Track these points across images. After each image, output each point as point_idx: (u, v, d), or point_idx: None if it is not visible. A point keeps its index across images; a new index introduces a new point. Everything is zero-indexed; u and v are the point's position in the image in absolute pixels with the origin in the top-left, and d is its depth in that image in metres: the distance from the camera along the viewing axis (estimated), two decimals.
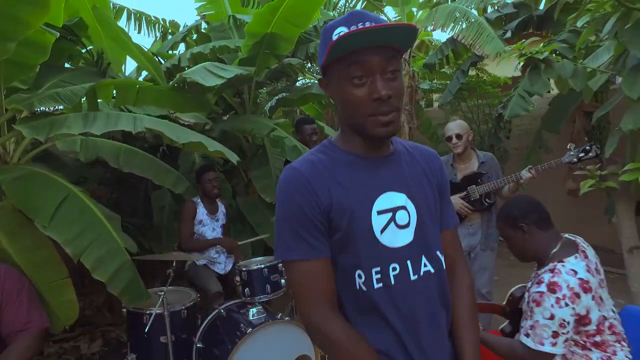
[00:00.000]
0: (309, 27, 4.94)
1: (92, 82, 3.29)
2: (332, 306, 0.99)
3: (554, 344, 1.62)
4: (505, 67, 5.93)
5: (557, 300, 1.61)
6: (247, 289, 2.93)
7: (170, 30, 6.11)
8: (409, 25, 0.93)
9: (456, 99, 5.92)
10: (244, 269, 2.96)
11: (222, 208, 3.84)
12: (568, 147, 2.88)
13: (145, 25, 5.99)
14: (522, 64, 2.43)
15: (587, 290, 1.64)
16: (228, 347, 2.62)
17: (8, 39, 2.42)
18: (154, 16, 5.81)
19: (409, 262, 1.01)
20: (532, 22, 4.30)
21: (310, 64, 5.79)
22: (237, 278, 3.02)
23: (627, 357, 1.71)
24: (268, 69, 4.66)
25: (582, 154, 2.78)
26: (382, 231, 0.99)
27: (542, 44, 2.62)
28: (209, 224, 3.70)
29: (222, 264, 3.70)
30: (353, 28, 0.92)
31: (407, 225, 1.02)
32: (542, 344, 1.63)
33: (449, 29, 4.78)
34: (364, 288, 0.98)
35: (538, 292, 1.66)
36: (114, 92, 3.40)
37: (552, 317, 1.61)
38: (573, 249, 1.76)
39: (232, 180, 4.70)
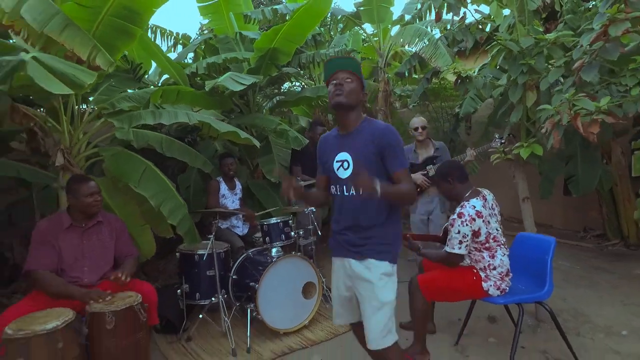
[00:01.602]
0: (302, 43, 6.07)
1: (131, 87, 4.29)
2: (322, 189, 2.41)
3: (459, 248, 2.83)
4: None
5: (462, 222, 2.83)
6: (267, 238, 4.04)
7: (181, 42, 7.12)
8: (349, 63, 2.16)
9: (423, 102, 7.15)
10: (265, 223, 4.07)
11: (239, 185, 4.95)
12: (495, 136, 4.09)
13: (159, 36, 7.00)
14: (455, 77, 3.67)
15: (480, 216, 2.84)
16: (256, 277, 3.71)
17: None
18: (169, 30, 6.83)
19: (345, 186, 2.17)
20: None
21: (302, 71, 6.92)
22: (258, 234, 4.13)
23: (504, 254, 2.93)
24: (270, 76, 5.78)
25: (501, 141, 4.00)
26: (337, 169, 2.20)
27: (474, 61, 3.86)
28: (229, 197, 4.81)
29: (240, 228, 4.80)
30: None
31: (347, 169, 2.16)
32: (454, 249, 2.84)
33: (413, 46, 6.01)
34: (333, 192, 2.28)
35: (453, 218, 2.88)
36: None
37: (458, 232, 2.83)
38: (477, 194, 2.97)
39: (241, 166, 5.78)
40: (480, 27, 3.53)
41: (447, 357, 3.19)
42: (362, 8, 6.83)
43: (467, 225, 2.83)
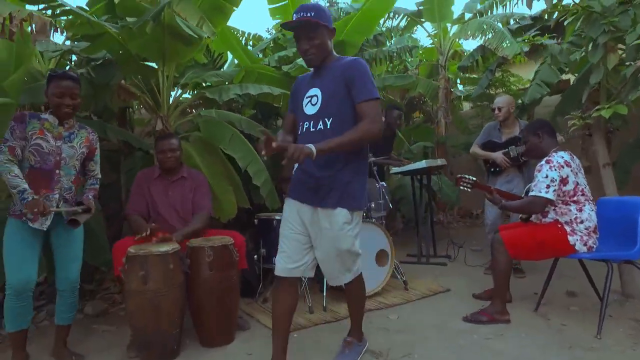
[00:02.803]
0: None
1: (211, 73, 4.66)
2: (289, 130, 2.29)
3: (547, 192, 2.83)
4: (527, 69, 7.17)
5: (550, 167, 2.84)
6: None
7: (251, 42, 7.59)
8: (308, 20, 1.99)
9: (484, 96, 7.15)
10: None
11: None
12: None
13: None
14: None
15: (568, 165, 2.85)
16: None
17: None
18: (241, 30, 7.32)
19: (312, 122, 2.05)
20: (546, 31, 5.55)
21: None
22: None
23: (592, 209, 2.89)
24: None
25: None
26: (305, 105, 2.11)
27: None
28: None
29: None
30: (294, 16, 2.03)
31: (316, 104, 2.05)
32: (540, 192, 2.84)
33: (478, 38, 6.09)
34: (299, 132, 2.15)
35: (540, 165, 2.90)
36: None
37: (546, 177, 2.83)
38: (564, 149, 2.97)
39: None
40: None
41: (527, 319, 3.15)
42: (422, 7, 7.02)
43: (555, 170, 2.83)
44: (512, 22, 6.43)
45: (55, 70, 2.64)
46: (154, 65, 3.82)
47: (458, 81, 8.71)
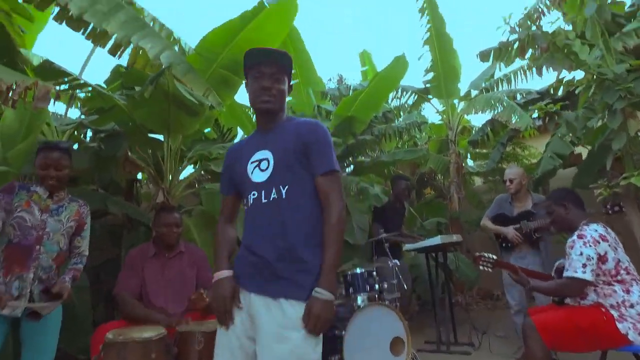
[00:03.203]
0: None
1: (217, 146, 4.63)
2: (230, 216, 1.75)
3: (584, 272, 2.50)
4: (538, 142, 7.10)
5: (584, 243, 2.53)
6: (350, 289, 3.84)
7: None
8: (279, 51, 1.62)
9: (496, 171, 7.01)
10: (348, 273, 3.91)
11: None
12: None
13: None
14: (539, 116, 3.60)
15: (604, 239, 2.55)
16: (341, 326, 3.47)
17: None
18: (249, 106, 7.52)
19: (262, 191, 1.54)
20: (554, 104, 5.54)
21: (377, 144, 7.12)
22: (341, 280, 3.96)
23: None
24: (346, 145, 6.02)
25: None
26: (251, 172, 1.58)
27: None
28: None
29: None
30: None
31: (266, 169, 1.56)
32: (576, 272, 2.51)
33: (487, 112, 6.10)
34: (246, 207, 1.60)
35: (571, 240, 2.59)
36: None
37: (581, 254, 2.52)
38: (596, 222, 2.70)
39: None
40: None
41: None
42: (430, 84, 7.19)
43: (590, 246, 2.51)
44: (518, 97, 6.48)
45: (47, 141, 2.55)
46: (160, 137, 3.78)
47: (468, 156, 8.66)
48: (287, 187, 1.53)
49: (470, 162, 9.21)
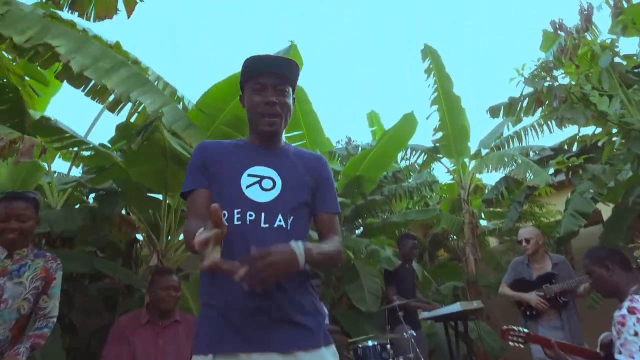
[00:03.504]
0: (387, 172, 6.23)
1: None
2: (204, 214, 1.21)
3: None
4: (554, 200, 6.81)
5: (638, 319, 2.15)
6: None
7: None
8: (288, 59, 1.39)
9: (513, 230, 6.67)
10: (359, 346, 3.51)
11: (325, 310, 4.51)
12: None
13: None
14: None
15: None
16: None
17: None
18: None
19: (263, 213, 1.29)
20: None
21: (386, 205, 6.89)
22: (351, 354, 3.55)
23: None
24: (355, 205, 5.80)
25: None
26: (247, 186, 1.32)
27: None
28: None
29: None
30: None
31: (270, 189, 1.33)
32: (633, 357, 2.11)
33: (500, 170, 5.90)
34: (226, 223, 1.09)
35: (621, 315, 2.19)
36: None
37: (636, 334, 2.13)
38: None
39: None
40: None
41: None
42: (439, 144, 7.08)
43: None
44: (531, 154, 6.31)
45: (12, 191, 2.32)
46: (159, 197, 3.61)
47: (482, 215, 8.35)
48: (292, 217, 1.33)
49: (483, 222, 8.89)
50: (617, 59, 3.39)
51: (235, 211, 1.28)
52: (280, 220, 1.30)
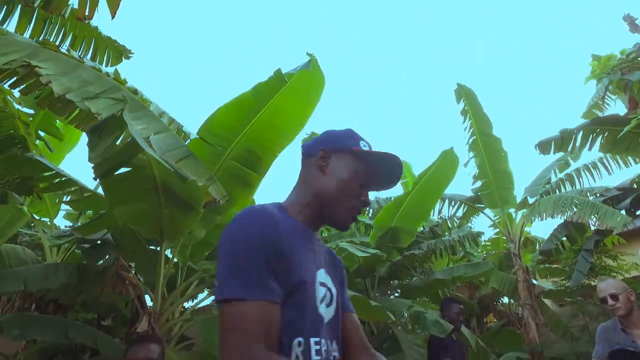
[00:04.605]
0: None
1: None
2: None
3: None
4: (630, 250, 5.81)
5: None
6: None
7: None
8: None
9: (580, 289, 5.65)
10: None
11: None
12: None
13: None
14: None
15: None
16: None
17: (217, 213, 3.12)
18: None
19: (327, 339, 0.97)
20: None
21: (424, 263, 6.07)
22: None
23: None
24: (390, 261, 5.03)
25: None
26: (321, 300, 0.97)
27: None
28: None
29: None
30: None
31: (331, 304, 1.00)
32: None
33: (558, 216, 5.07)
34: (301, 358, 0.88)
35: None
36: None
37: None
38: None
39: None
40: None
41: None
42: (480, 192, 6.35)
43: None
44: (591, 197, 5.45)
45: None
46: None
47: (535, 274, 7.32)
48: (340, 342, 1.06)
49: (534, 281, 7.82)
50: None
51: (313, 341, 0.92)
52: (335, 347, 1.01)
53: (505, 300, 7.26)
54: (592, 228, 4.53)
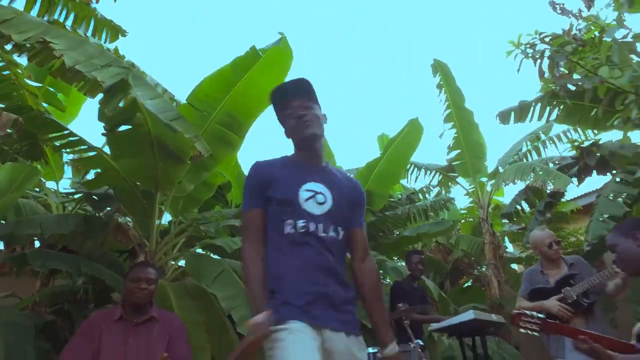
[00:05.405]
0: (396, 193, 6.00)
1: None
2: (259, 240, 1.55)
3: None
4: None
5: None
6: None
7: None
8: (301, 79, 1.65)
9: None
10: None
11: None
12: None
13: None
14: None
15: None
16: None
17: (204, 169, 3.63)
18: None
19: (320, 225, 1.52)
20: (592, 168, 4.99)
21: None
22: None
23: None
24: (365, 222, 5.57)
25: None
26: (306, 200, 1.54)
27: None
28: None
29: None
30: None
31: (323, 203, 1.56)
32: None
33: (519, 182, 5.60)
34: (291, 231, 1.50)
35: None
36: None
37: None
38: None
39: None
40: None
41: None
42: (455, 163, 6.86)
43: None
44: (551, 165, 5.96)
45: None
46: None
47: (507, 240, 7.91)
48: (342, 231, 1.58)
49: (510, 249, 8.41)
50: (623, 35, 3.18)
51: (300, 222, 1.51)
52: (332, 231, 1.55)
53: (484, 268, 7.87)
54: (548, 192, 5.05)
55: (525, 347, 5.67)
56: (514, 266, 7.94)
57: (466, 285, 7.66)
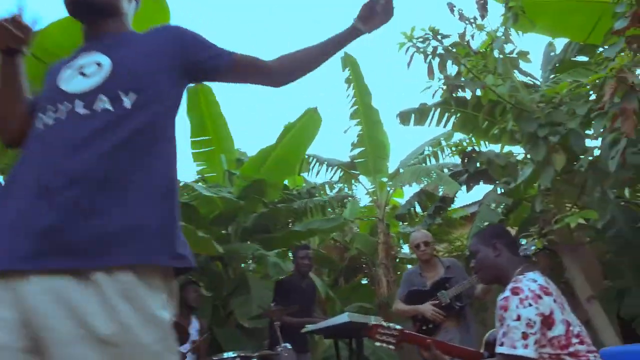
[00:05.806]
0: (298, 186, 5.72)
1: None
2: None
3: (525, 346, 1.64)
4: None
5: (521, 300, 1.72)
6: None
7: None
8: None
9: None
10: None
11: (196, 325, 3.76)
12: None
13: None
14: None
15: (547, 293, 1.76)
16: None
17: None
18: None
19: (78, 101, 1.03)
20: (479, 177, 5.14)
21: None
22: None
23: None
24: (255, 213, 5.19)
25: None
26: (63, 79, 1.08)
27: None
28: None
29: None
30: None
31: (94, 73, 1.06)
32: (515, 347, 1.66)
33: (415, 185, 5.64)
34: (39, 121, 1.03)
35: (503, 298, 1.77)
36: None
37: (518, 318, 1.69)
38: (533, 268, 1.96)
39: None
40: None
41: None
42: (357, 160, 6.77)
43: (530, 305, 1.70)
44: (445, 170, 6.12)
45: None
46: None
47: (401, 242, 8.05)
48: (136, 95, 1.06)
49: (405, 249, 8.60)
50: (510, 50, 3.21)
51: (52, 107, 1.04)
52: (105, 103, 1.02)
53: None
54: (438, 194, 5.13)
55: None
56: (410, 266, 8.13)
57: (357, 281, 7.65)
